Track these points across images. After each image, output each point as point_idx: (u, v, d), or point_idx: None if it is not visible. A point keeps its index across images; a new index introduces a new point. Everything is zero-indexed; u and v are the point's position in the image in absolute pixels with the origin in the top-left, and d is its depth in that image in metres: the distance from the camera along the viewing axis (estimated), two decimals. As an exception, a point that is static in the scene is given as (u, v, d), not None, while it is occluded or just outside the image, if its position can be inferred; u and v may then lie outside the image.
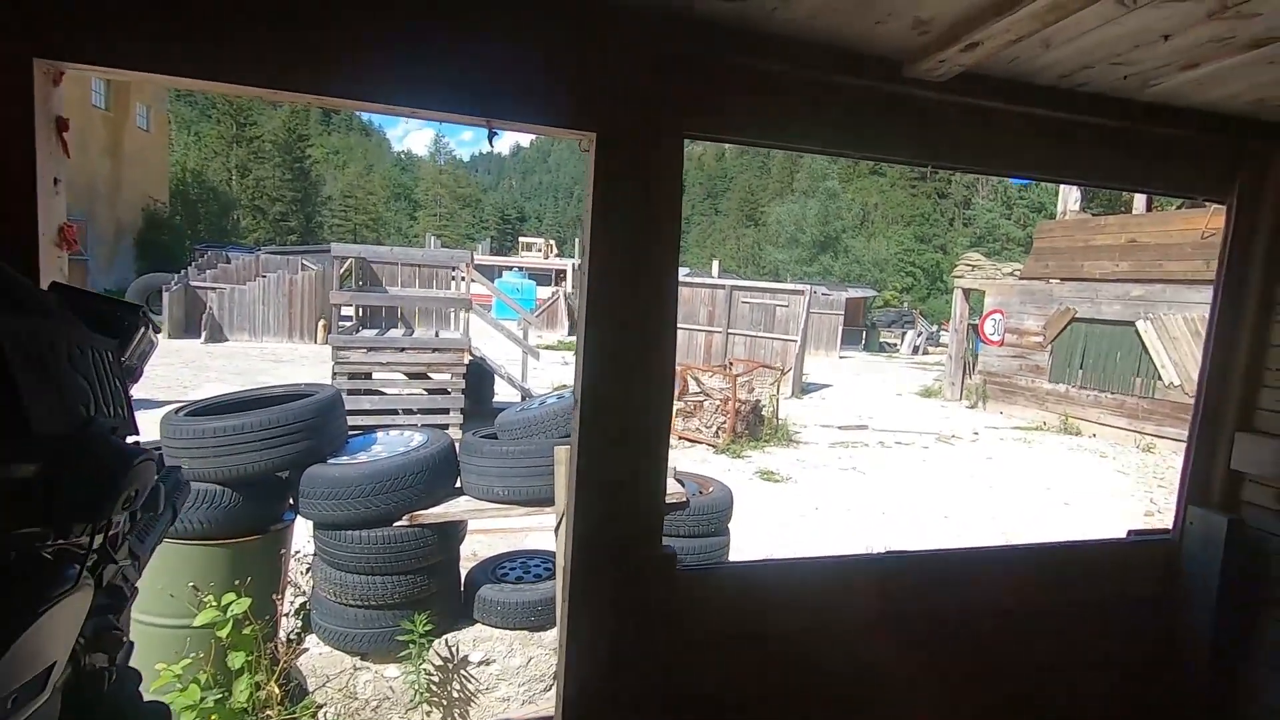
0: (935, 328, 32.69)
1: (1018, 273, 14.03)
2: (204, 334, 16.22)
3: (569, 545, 1.44)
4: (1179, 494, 1.94)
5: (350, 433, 3.58)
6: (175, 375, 11.85)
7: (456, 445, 3.45)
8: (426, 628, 3.07)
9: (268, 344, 16.59)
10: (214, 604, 2.81)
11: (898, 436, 10.95)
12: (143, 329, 0.67)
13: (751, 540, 6.04)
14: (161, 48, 1.10)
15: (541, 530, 4.36)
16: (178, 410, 3.09)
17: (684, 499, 3.35)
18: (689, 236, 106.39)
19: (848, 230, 51.68)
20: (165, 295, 16.52)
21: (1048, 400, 12.93)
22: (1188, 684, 1.86)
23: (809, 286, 16.50)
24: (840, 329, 23.05)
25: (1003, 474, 9.15)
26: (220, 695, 2.78)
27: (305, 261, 18.67)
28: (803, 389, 14.94)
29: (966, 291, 15.43)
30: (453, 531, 3.27)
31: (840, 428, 11.34)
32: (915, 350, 27.34)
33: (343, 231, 53.99)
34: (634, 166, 1.34)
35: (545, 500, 3.16)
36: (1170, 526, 1.96)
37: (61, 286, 0.76)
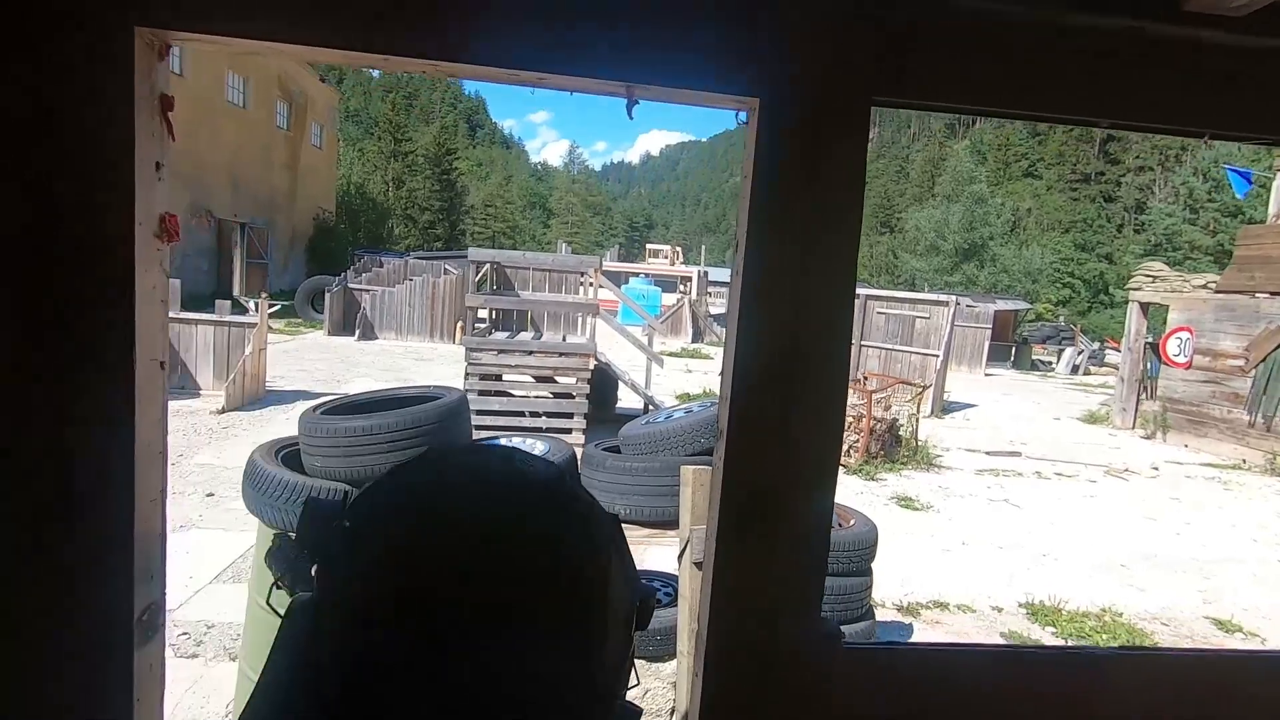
0: (1098, 345, 29.32)
1: (1212, 285, 12.15)
2: (357, 332, 17.58)
3: (704, 609, 1.18)
4: None
5: (475, 437, 3.53)
6: (331, 370, 12.85)
7: (578, 456, 3.29)
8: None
9: (411, 343, 17.71)
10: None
11: (1057, 466, 9.75)
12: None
13: (889, 577, 5.50)
14: (276, 12, 0.96)
15: (662, 547, 4.14)
16: (315, 408, 3.16)
17: (822, 532, 2.99)
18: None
19: (996, 237, 47.72)
20: (328, 296, 18.08)
21: (1249, 435, 11.04)
22: None
23: (953, 297, 15.24)
24: (987, 344, 21.19)
25: (1193, 518, 7.85)
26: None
27: (448, 266, 19.78)
28: (944, 408, 13.78)
29: (1145, 306, 13.59)
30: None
31: (988, 453, 10.28)
32: (1074, 370, 24.63)
33: (482, 238, 57.27)
34: (806, 140, 1.06)
35: (669, 522, 2.93)
36: None
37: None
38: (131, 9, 0.92)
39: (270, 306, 18.12)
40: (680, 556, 2.91)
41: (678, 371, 16.54)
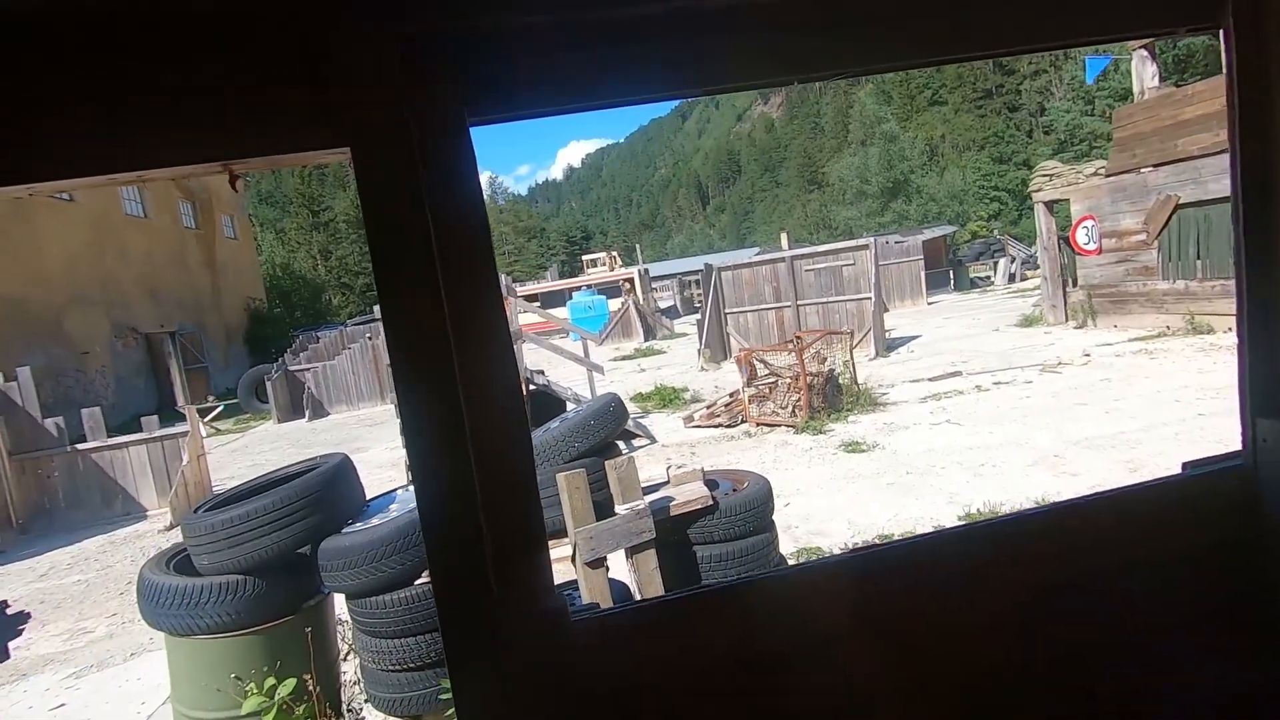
0: (1032, 250, 30.21)
1: (1102, 171, 12.64)
2: (307, 413, 17.33)
3: (439, 612, 1.25)
4: (1240, 407, 1.52)
5: (373, 496, 3.56)
6: (283, 457, 12.65)
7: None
8: (467, 682, 2.97)
9: (363, 410, 17.51)
10: (257, 691, 2.83)
11: (996, 376, 10.06)
12: None
13: (833, 521, 5.66)
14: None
15: (563, 560, 4.21)
16: (196, 509, 3.16)
17: (709, 502, 3.09)
18: (754, 215, 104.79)
19: (915, 170, 48.89)
20: (269, 384, 17.78)
21: (1165, 302, 11.52)
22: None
23: (873, 238, 15.61)
24: (923, 274, 21.72)
25: (1122, 394, 8.18)
26: (280, 780, 2.80)
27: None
28: (887, 346, 14.10)
29: (1050, 204, 14.09)
30: (478, 578, 3.16)
31: (930, 379, 10.56)
32: (1012, 279, 25.36)
33: (423, 288, 56.64)
34: (405, 180, 1.14)
35: (559, 531, 3.00)
36: (1240, 449, 1.54)
37: None
38: None
39: (213, 408, 17.78)
40: (574, 560, 2.99)
41: (631, 373, 16.64)
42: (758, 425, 9.19)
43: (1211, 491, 1.54)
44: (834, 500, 6.18)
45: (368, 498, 3.48)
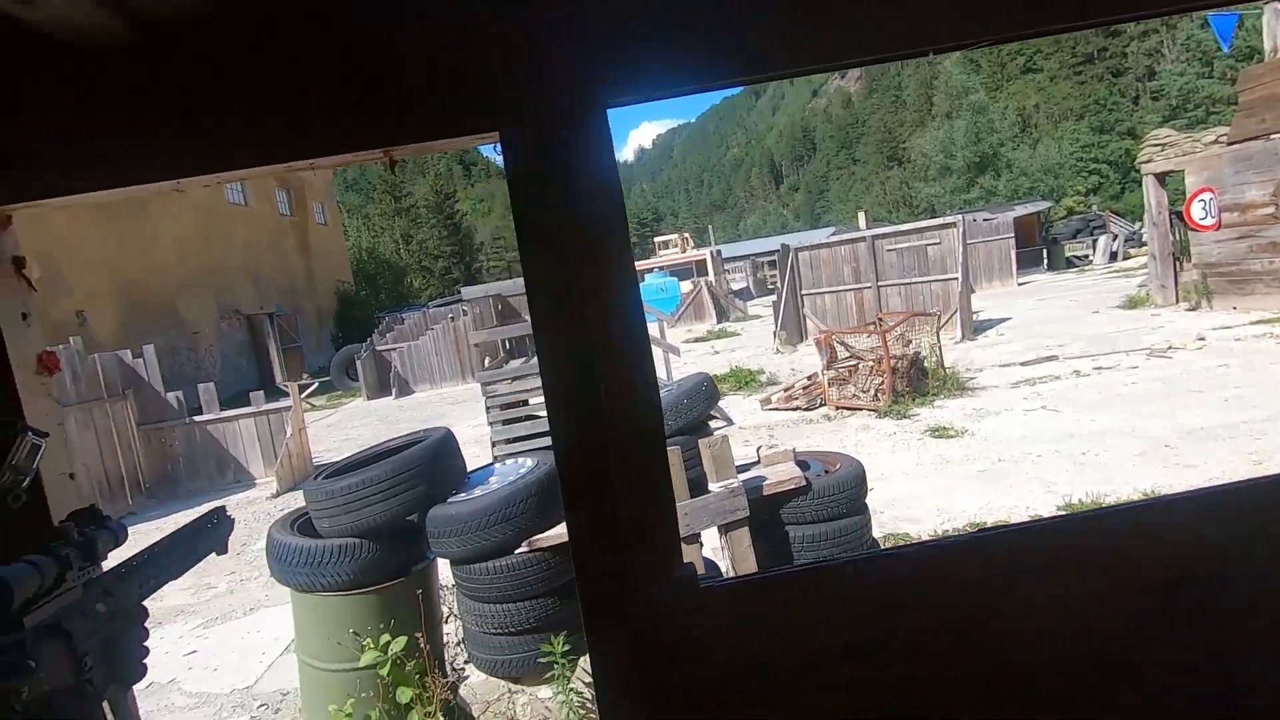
0: (1136, 226, 28.13)
1: (1223, 139, 11.60)
2: (394, 391, 18.16)
3: (578, 588, 1.32)
4: None
5: (472, 469, 3.73)
6: (374, 432, 13.34)
7: (566, 464, 3.46)
8: (565, 648, 3.09)
9: (445, 389, 18.20)
10: (373, 646, 3.04)
11: (1097, 360, 9.49)
12: (21, 436, 0.78)
13: (920, 508, 5.51)
14: (81, 172, 1.15)
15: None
16: (316, 475, 3.40)
17: (801, 483, 3.08)
18: (830, 193, 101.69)
19: (1006, 143, 46.17)
20: (359, 363, 18.73)
21: (1296, 281, 10.53)
22: None
23: (960, 216, 14.91)
24: (1013, 253, 20.60)
25: (1243, 381, 7.56)
26: (393, 729, 3.01)
27: (465, 307, 20.25)
28: (975, 329, 13.50)
29: (1160, 176, 13.05)
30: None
31: (1023, 364, 10.06)
32: (1113, 257, 23.71)
33: (498, 271, 58.10)
34: (552, 163, 1.19)
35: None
36: None
37: None
38: None
39: (309, 385, 18.88)
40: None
41: (705, 355, 16.60)
42: (837, 409, 9.02)
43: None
44: (920, 486, 6.02)
45: (468, 471, 3.64)
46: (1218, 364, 8.50)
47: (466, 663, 3.55)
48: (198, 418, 10.18)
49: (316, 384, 19.30)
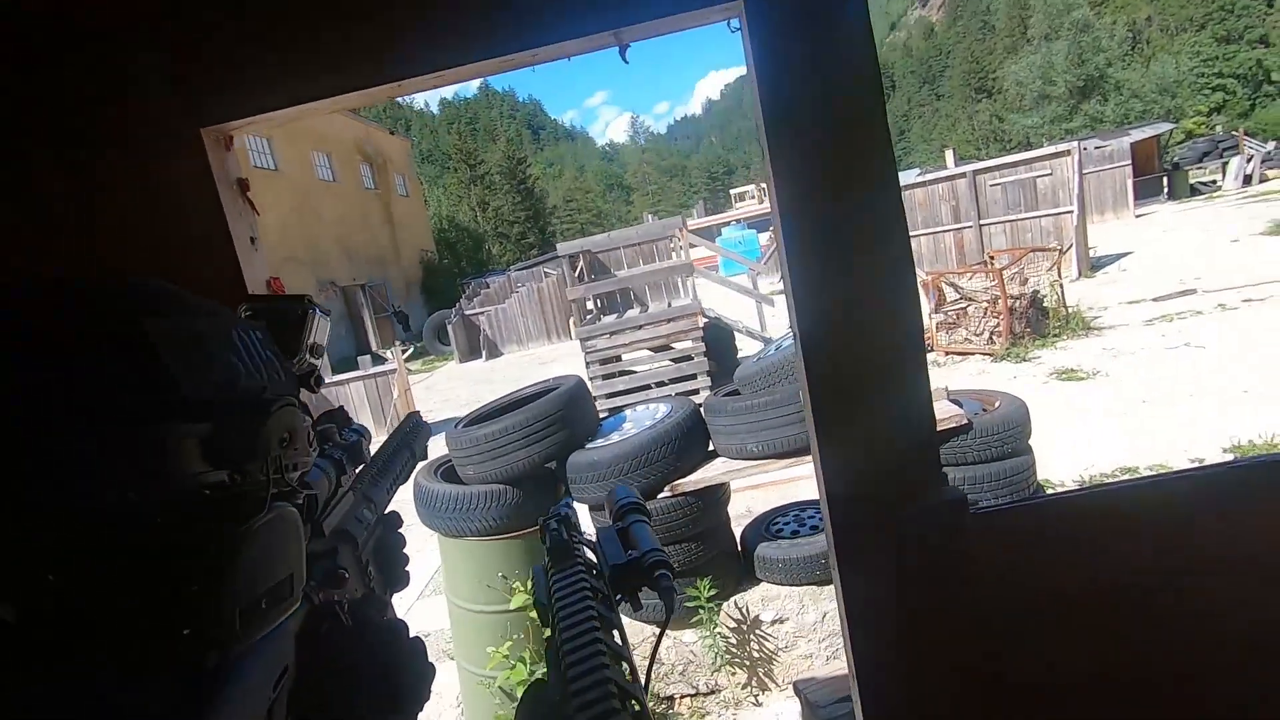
0: (1272, 145, 25.19)
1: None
2: (484, 353, 18.67)
3: (825, 510, 1.22)
4: None
5: (602, 416, 3.70)
6: (470, 392, 13.78)
7: (701, 409, 3.37)
8: (711, 592, 3.06)
9: (533, 349, 18.56)
10: (523, 589, 3.09)
11: (1243, 293, 8.57)
12: (309, 313, 0.76)
13: (1065, 458, 5.14)
14: (299, 79, 1.09)
15: (811, 478, 4.14)
16: (455, 424, 3.45)
17: (963, 421, 2.87)
18: (911, 134, 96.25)
19: (1114, 63, 42.05)
20: (449, 328, 19.31)
21: None
22: None
23: (1074, 143, 13.71)
24: (1129, 182, 18.84)
25: None
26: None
27: (546, 269, 20.46)
28: (1092, 265, 12.50)
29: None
30: (715, 495, 3.20)
31: (1155, 299, 9.22)
32: (1247, 181, 21.36)
33: (571, 232, 58.46)
34: (803, 34, 1.04)
35: (804, 449, 2.94)
36: None
37: (251, 296, 0.92)
38: (193, 114, 1.08)
39: (404, 351, 19.70)
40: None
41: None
42: (947, 354, 8.56)
43: None
44: (1055, 433, 5.62)
45: (600, 418, 3.62)
46: (1398, 289, 7.51)
47: (607, 607, 3.58)
48: (313, 382, 10.75)
49: (412, 349, 20.08)
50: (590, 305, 9.99)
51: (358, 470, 0.92)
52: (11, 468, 0.34)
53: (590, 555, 0.71)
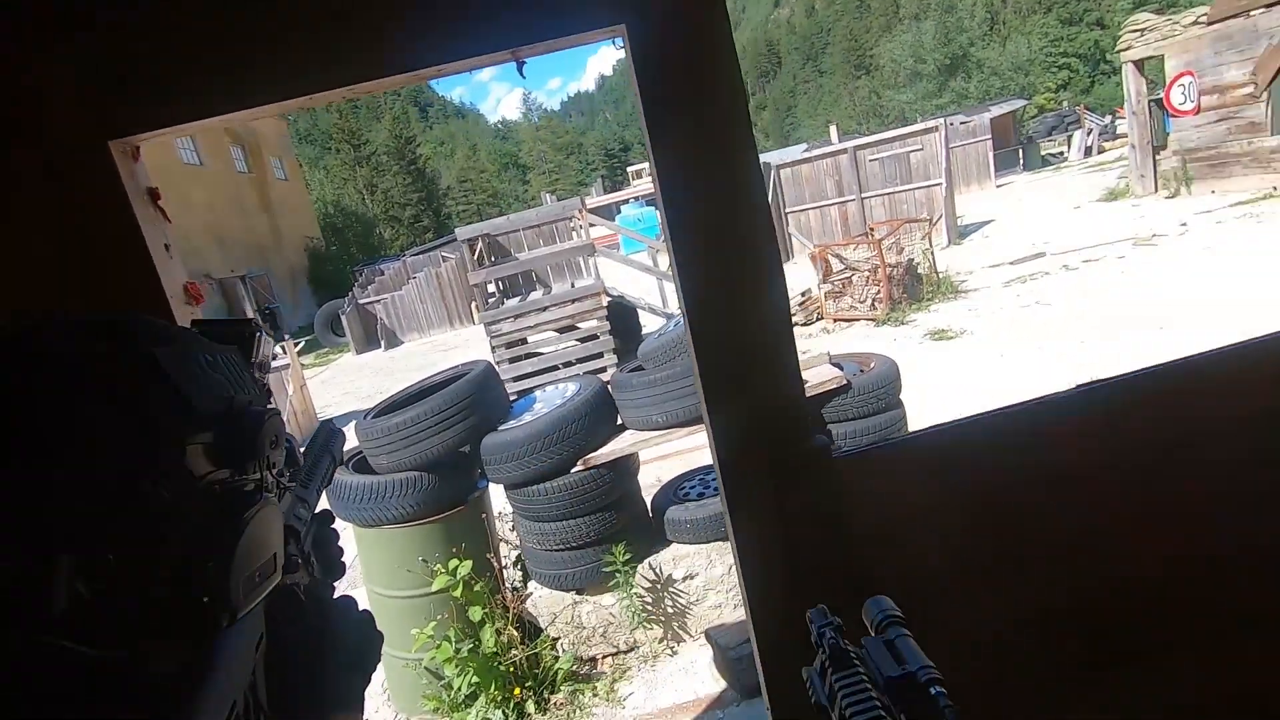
0: (1108, 119, 28.04)
1: (1202, 20, 11.49)
2: (383, 343, 18.03)
3: (717, 470, 1.41)
4: None
5: (512, 398, 3.80)
6: (370, 384, 13.34)
7: (609, 385, 3.54)
8: (626, 557, 3.25)
9: (435, 336, 18.10)
10: (443, 571, 3.18)
11: (1084, 254, 9.67)
12: (258, 334, 0.81)
13: (935, 407, 5.70)
14: (202, 95, 1.14)
15: (703, 448, 4.40)
16: (365, 414, 3.45)
17: (843, 382, 3.19)
18: (798, 109, 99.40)
19: (975, 42, 45.20)
20: (343, 319, 18.49)
21: (1274, 160, 10.67)
22: None
23: (941, 119, 14.77)
24: (990, 155, 20.53)
25: (1229, 263, 7.78)
26: (471, 645, 3.17)
27: (444, 253, 19.91)
28: (960, 233, 13.61)
29: (1139, 63, 12.95)
30: (626, 466, 3.39)
31: (1012, 263, 10.23)
32: (1088, 152, 23.74)
33: (468, 214, 56.82)
34: (676, 47, 1.20)
35: (699, 418, 3.16)
36: None
37: (198, 320, 1.00)
38: (101, 127, 1.11)
39: (295, 344, 18.65)
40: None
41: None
42: (835, 321, 9.16)
43: None
44: (927, 388, 6.21)
45: (510, 400, 3.71)
46: (1202, 247, 8.71)
47: (527, 581, 3.71)
48: (195, 383, 10.07)
49: (302, 343, 19.08)
50: (492, 289, 9.91)
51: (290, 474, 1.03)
52: (92, 483, 0.44)
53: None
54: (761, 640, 1.51)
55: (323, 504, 1.08)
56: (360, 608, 0.90)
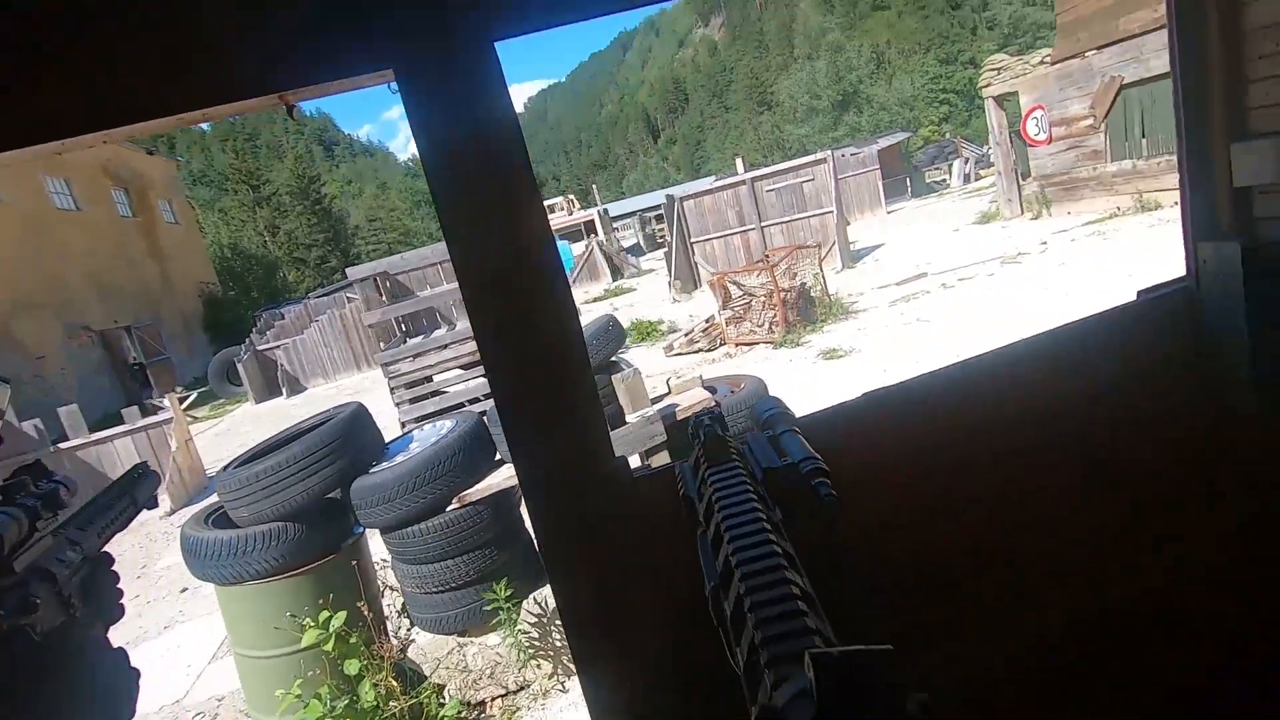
0: (984, 149, 30.46)
1: (1048, 60, 12.76)
2: (285, 390, 17.18)
3: (528, 509, 1.43)
4: (1184, 233, 1.73)
5: (389, 439, 3.71)
6: (271, 433, 12.63)
7: (484, 418, 3.51)
8: (508, 593, 3.21)
9: (342, 380, 17.41)
10: (313, 624, 3.03)
11: (959, 273, 10.40)
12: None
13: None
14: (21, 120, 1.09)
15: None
16: (225, 467, 3.28)
17: (712, 404, 3.30)
18: (707, 143, 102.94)
19: (864, 80, 48.37)
20: (239, 366, 17.52)
21: (1115, 183, 11.88)
22: (1232, 427, 1.70)
23: (829, 151, 15.65)
24: (879, 184, 21.86)
25: (1079, 275, 8.56)
26: (347, 701, 3.03)
27: (349, 294, 19.27)
28: (852, 257, 14.37)
29: (999, 99, 14.21)
30: (504, 501, 3.36)
31: (898, 284, 10.87)
32: (967, 179, 25.68)
33: (379, 253, 55.26)
34: (448, 91, 1.24)
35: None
36: (1185, 273, 1.76)
37: None
38: None
39: (186, 397, 17.53)
40: (594, 470, 3.18)
41: (605, 312, 16.74)
42: (737, 345, 9.44)
43: (1162, 311, 1.76)
44: (823, 401, 6.47)
45: (386, 442, 3.62)
46: (1058, 263, 9.54)
47: (412, 627, 3.59)
48: (63, 444, 9.29)
49: (194, 395, 17.95)
50: (396, 329, 9.67)
51: (59, 516, 0.99)
52: None
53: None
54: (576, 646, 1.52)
55: (111, 545, 1.05)
56: (116, 646, 0.89)
